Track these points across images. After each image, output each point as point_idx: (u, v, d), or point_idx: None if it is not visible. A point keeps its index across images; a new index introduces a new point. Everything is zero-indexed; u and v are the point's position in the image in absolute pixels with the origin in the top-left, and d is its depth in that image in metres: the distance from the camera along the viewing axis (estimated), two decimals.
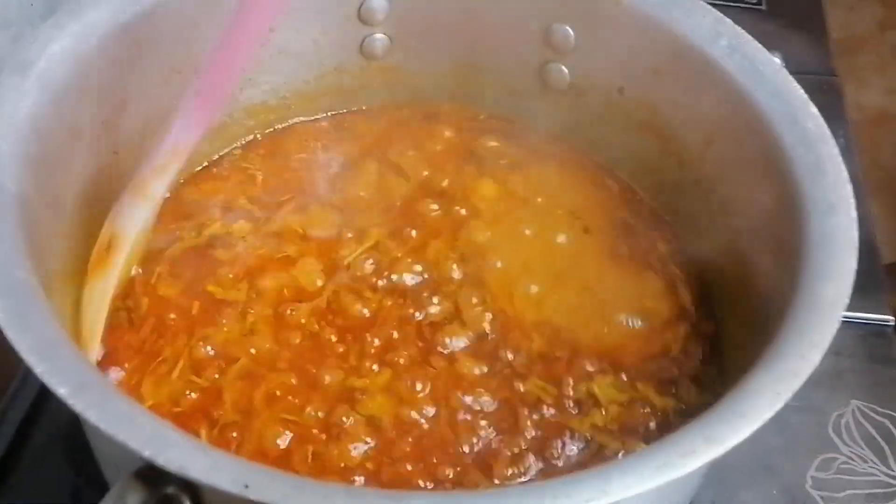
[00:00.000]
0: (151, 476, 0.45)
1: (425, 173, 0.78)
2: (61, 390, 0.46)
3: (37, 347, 0.47)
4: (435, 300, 0.68)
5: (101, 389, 0.46)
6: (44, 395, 0.73)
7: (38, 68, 0.60)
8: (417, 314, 0.68)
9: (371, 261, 0.71)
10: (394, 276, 0.70)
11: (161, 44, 0.69)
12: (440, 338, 0.66)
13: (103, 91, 0.66)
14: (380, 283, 0.69)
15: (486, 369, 0.65)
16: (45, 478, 0.69)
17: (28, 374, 0.72)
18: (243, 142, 0.80)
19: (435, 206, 0.75)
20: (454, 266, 0.71)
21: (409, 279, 0.70)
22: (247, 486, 0.43)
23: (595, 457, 0.62)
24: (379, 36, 0.80)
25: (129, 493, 0.45)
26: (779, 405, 0.48)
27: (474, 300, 0.69)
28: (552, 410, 0.64)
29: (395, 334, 0.66)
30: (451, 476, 0.60)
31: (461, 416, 0.63)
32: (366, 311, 0.68)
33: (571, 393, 0.65)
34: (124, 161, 0.69)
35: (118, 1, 0.65)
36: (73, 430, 0.70)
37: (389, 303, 0.68)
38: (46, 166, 0.60)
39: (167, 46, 0.70)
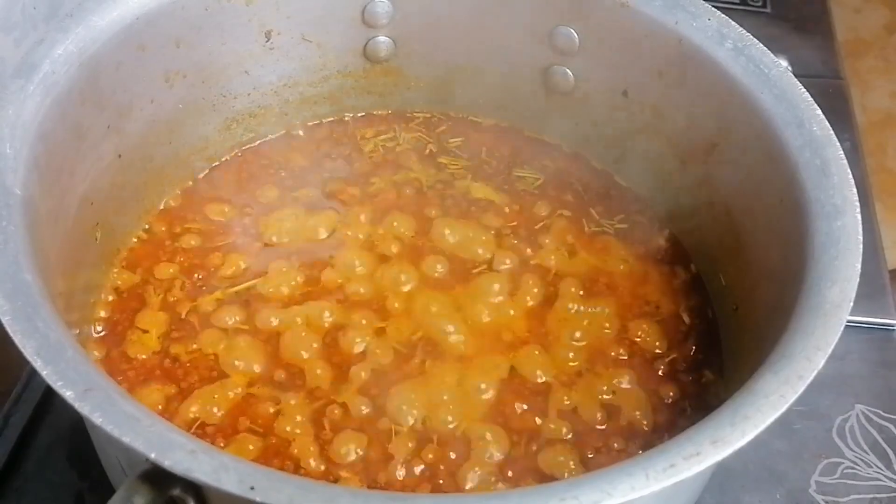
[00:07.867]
0: (157, 478, 0.45)
1: None
2: (68, 393, 0.46)
3: (43, 350, 0.47)
4: None
5: (107, 392, 0.46)
6: (47, 398, 0.73)
7: (43, 72, 0.61)
8: None
9: None
10: None
11: (165, 48, 0.69)
12: None
13: (107, 95, 0.66)
14: None
15: None
16: (48, 481, 0.69)
17: (31, 377, 0.73)
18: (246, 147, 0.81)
19: None
20: None
21: None
22: (252, 488, 0.43)
23: None
24: (382, 39, 0.80)
25: (134, 495, 0.45)
26: (783, 408, 0.48)
27: None
28: None
29: None
30: None
31: None
32: None
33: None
34: (128, 165, 0.70)
35: (122, 5, 0.66)
36: (76, 433, 0.70)
37: None
38: (50, 169, 0.60)
39: (171, 50, 0.70)
